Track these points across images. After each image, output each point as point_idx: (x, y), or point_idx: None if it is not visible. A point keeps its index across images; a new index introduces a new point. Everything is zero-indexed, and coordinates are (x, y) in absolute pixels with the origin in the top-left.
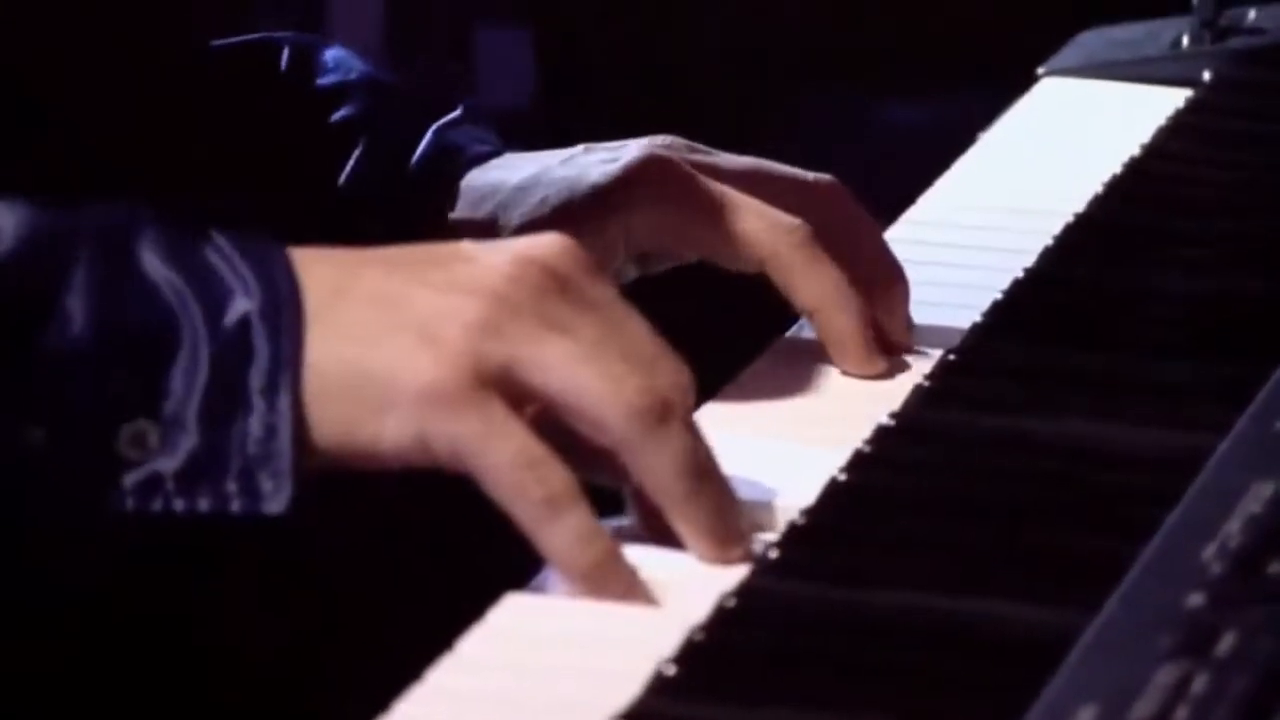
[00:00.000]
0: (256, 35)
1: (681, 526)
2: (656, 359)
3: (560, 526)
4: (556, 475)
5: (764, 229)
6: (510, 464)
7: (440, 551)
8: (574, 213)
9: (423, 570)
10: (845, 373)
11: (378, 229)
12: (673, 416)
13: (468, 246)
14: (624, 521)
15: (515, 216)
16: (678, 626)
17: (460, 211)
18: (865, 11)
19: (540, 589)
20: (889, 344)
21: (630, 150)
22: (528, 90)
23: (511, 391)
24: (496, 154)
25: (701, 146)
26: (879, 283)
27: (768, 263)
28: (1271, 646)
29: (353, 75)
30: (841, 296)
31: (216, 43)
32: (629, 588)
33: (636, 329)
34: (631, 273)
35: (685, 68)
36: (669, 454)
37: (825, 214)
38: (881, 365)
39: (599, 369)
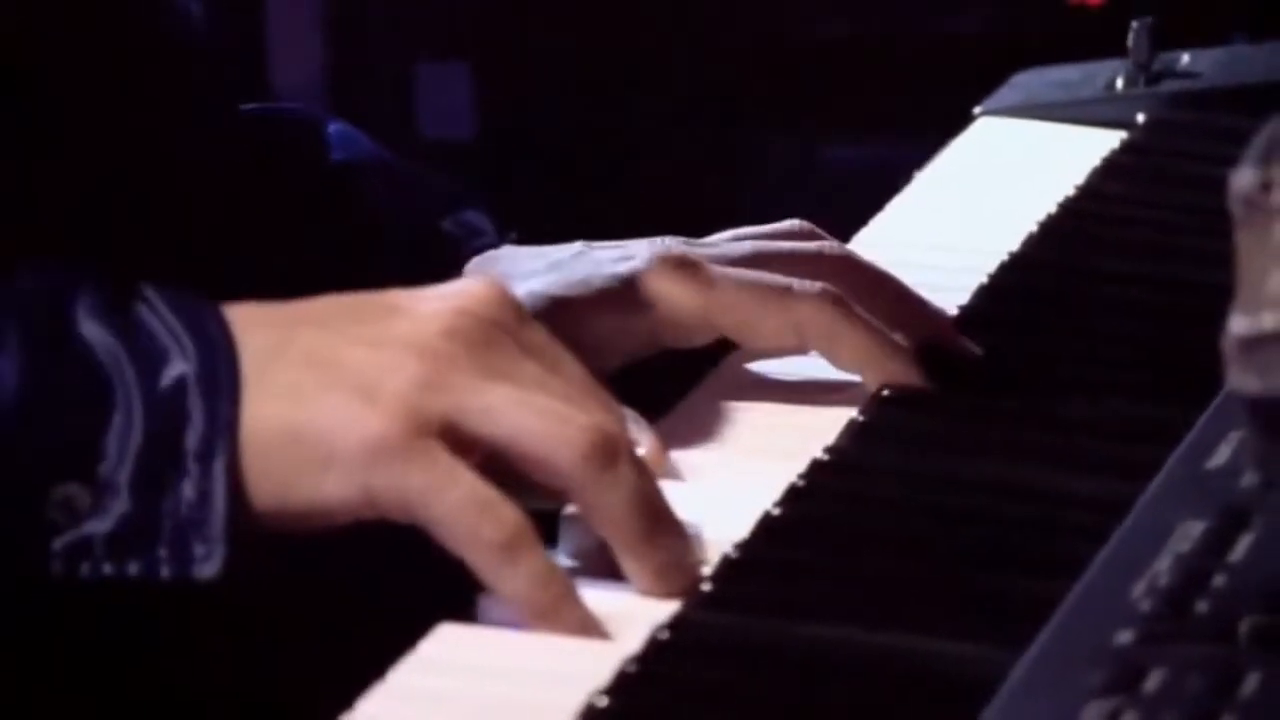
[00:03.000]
0: (263, 106)
1: (632, 565)
2: (590, 401)
3: (518, 570)
4: (509, 517)
5: (791, 314)
6: (461, 510)
7: (375, 579)
8: (594, 305)
9: (357, 599)
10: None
11: None
12: (621, 455)
13: (402, 299)
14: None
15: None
16: (611, 658)
17: None
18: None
19: (475, 619)
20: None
21: (640, 250)
22: (468, 124)
23: (456, 441)
24: (493, 245)
25: (696, 240)
26: (926, 328)
27: (805, 344)
28: (1199, 685)
29: (361, 154)
30: (880, 346)
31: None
32: (585, 624)
33: (572, 371)
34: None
35: (628, 104)
36: (619, 494)
37: (841, 283)
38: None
39: (543, 411)
